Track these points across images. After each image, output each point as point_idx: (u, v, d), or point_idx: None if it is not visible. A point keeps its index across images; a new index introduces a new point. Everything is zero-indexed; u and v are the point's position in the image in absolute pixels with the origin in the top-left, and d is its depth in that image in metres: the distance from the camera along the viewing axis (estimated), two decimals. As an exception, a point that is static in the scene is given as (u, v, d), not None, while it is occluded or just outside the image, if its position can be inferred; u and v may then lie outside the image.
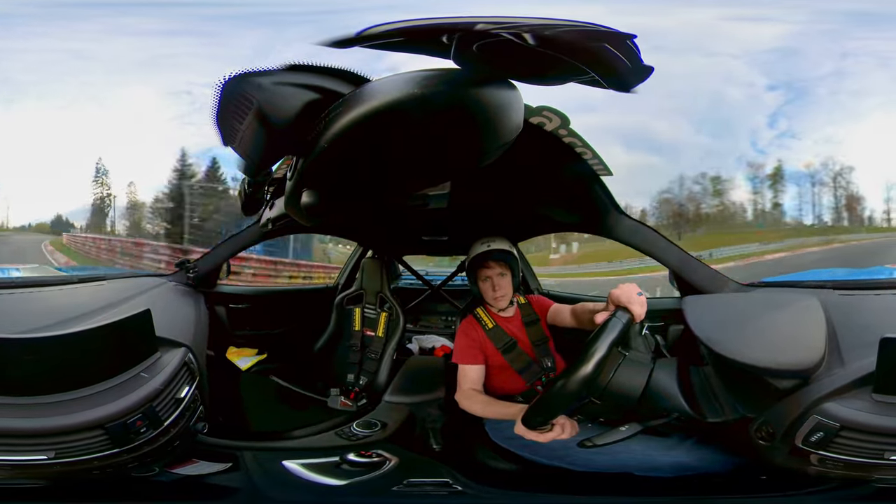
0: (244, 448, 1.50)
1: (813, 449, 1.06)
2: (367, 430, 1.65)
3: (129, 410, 1.12)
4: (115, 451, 1.11)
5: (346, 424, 1.70)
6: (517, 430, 1.21)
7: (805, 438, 1.06)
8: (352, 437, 1.61)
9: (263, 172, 1.09)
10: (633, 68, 0.68)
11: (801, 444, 1.06)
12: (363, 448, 1.52)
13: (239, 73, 0.73)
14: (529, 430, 1.18)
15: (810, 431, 1.05)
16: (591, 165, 1.29)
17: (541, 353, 1.82)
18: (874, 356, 1.01)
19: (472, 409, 1.60)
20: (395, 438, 1.62)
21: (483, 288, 1.84)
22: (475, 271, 1.85)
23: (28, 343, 1.08)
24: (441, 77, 0.72)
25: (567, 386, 1.06)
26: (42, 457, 1.05)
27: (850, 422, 1.02)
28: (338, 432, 1.66)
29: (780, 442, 1.10)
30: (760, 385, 1.13)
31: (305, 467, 1.42)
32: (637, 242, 1.64)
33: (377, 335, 2.55)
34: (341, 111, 0.75)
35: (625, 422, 1.19)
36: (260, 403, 2.14)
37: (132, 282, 1.81)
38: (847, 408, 1.03)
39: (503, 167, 0.97)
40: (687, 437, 1.29)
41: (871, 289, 1.35)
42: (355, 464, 1.43)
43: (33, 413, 1.06)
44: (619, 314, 1.10)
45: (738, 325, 1.27)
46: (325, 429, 1.72)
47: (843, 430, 1.02)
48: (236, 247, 2.13)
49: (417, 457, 1.54)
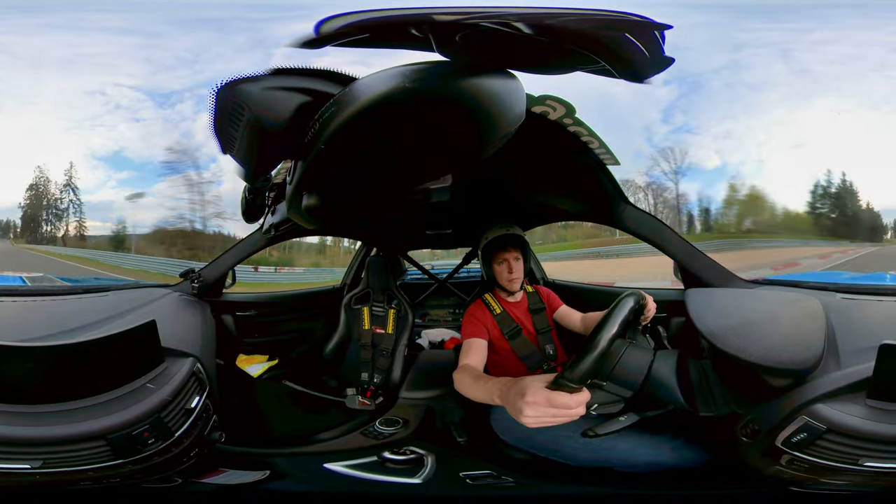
0: (275, 455, 1.51)
1: (788, 449, 1.06)
2: (392, 428, 1.66)
3: (135, 421, 1.12)
4: (118, 462, 1.11)
5: (369, 423, 1.71)
6: (540, 397, 0.96)
7: (787, 438, 1.06)
8: (378, 436, 1.62)
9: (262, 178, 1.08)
10: (652, 59, 0.65)
11: (780, 443, 1.07)
12: (393, 446, 1.52)
13: (229, 80, 0.72)
14: (559, 395, 0.97)
15: (795, 432, 1.05)
16: (597, 154, 1.26)
17: (544, 341, 1.85)
18: (872, 361, 1.01)
19: (460, 388, 1.49)
20: (419, 434, 1.63)
21: (498, 270, 1.85)
22: (492, 253, 1.87)
23: (27, 351, 1.07)
24: (429, 69, 0.70)
25: (600, 341, 1.03)
26: (25, 466, 1.05)
27: (837, 425, 1.01)
28: (363, 432, 1.66)
29: (761, 440, 1.10)
30: (755, 382, 1.13)
31: (353, 468, 1.42)
32: (643, 233, 1.63)
33: (387, 332, 2.54)
34: (334, 111, 0.74)
35: (623, 412, 1.21)
36: (277, 409, 2.14)
37: (137, 293, 1.81)
38: (838, 411, 1.03)
39: (507, 157, 0.96)
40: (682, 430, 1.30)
41: (873, 294, 1.34)
42: (396, 462, 1.43)
43: (25, 422, 1.06)
44: (630, 294, 1.13)
45: (739, 321, 1.27)
46: (351, 429, 1.73)
47: (827, 433, 1.02)
48: (241, 255, 2.12)
49: (448, 451, 1.54)
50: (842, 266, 12.54)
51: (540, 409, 0.94)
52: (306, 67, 0.76)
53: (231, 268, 2.18)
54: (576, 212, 2.00)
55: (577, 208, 1.88)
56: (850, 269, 7.65)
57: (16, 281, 1.78)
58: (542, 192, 1.75)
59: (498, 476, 1.34)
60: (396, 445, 1.52)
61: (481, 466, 1.38)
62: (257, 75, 0.73)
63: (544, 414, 0.94)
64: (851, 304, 1.29)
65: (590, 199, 1.65)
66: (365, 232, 2.80)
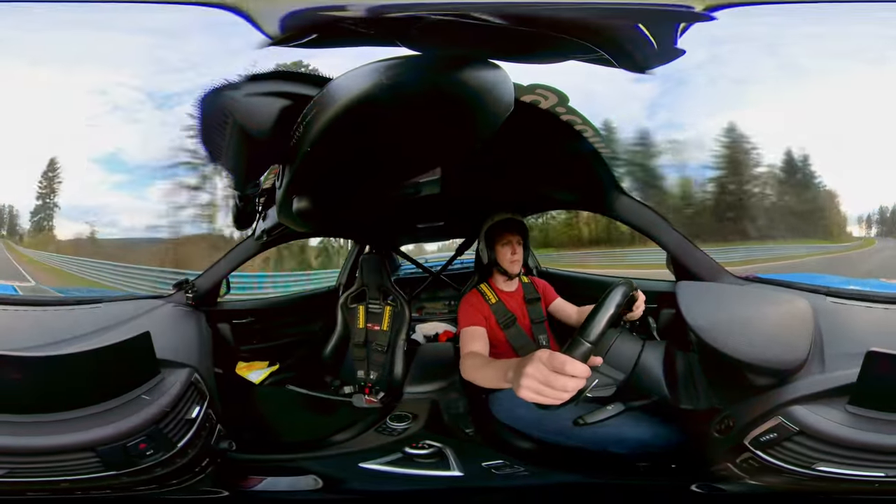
0: (304, 458, 1.52)
1: (753, 448, 1.08)
2: (403, 424, 1.66)
3: (129, 433, 1.12)
4: (110, 474, 1.11)
5: (381, 421, 1.71)
6: (545, 355, 0.94)
7: (756, 437, 1.07)
8: (393, 433, 1.62)
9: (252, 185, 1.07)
10: (659, 50, 0.64)
11: (748, 441, 1.08)
12: (410, 441, 1.53)
13: (212, 88, 0.70)
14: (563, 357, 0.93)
15: (766, 431, 1.06)
16: (591, 143, 1.25)
17: (538, 332, 1.86)
18: (856, 367, 1.01)
19: (469, 374, 1.49)
20: (429, 428, 1.64)
21: (502, 252, 1.86)
22: (497, 235, 1.88)
23: (17, 361, 1.06)
24: (405, 63, 0.69)
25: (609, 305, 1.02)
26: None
27: (810, 428, 1.03)
28: (377, 430, 1.67)
29: (731, 437, 1.12)
30: (738, 378, 1.14)
31: (388, 464, 1.43)
32: (636, 223, 1.62)
33: (382, 329, 2.53)
34: (315, 113, 0.73)
35: (610, 401, 1.25)
36: (285, 414, 2.13)
37: (130, 304, 1.77)
38: (814, 414, 1.04)
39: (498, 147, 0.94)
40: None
41: (863, 300, 1.34)
42: (422, 456, 1.44)
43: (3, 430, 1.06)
44: (623, 282, 1.13)
45: (728, 317, 1.28)
46: (365, 428, 1.73)
47: (798, 435, 1.03)
48: (235, 262, 2.09)
49: (462, 443, 1.54)
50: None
51: (541, 371, 0.90)
52: (281, 71, 0.75)
53: (225, 276, 2.15)
54: (569, 200, 1.99)
55: (571, 197, 1.88)
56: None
57: (7, 290, 1.74)
58: (535, 181, 1.74)
59: (511, 465, 1.36)
60: (412, 440, 1.53)
61: (496, 457, 1.39)
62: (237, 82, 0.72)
63: (543, 376, 0.89)
64: (840, 309, 1.30)
65: (583, 187, 1.65)
66: (356, 230, 2.78)
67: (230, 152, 0.76)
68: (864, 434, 1.01)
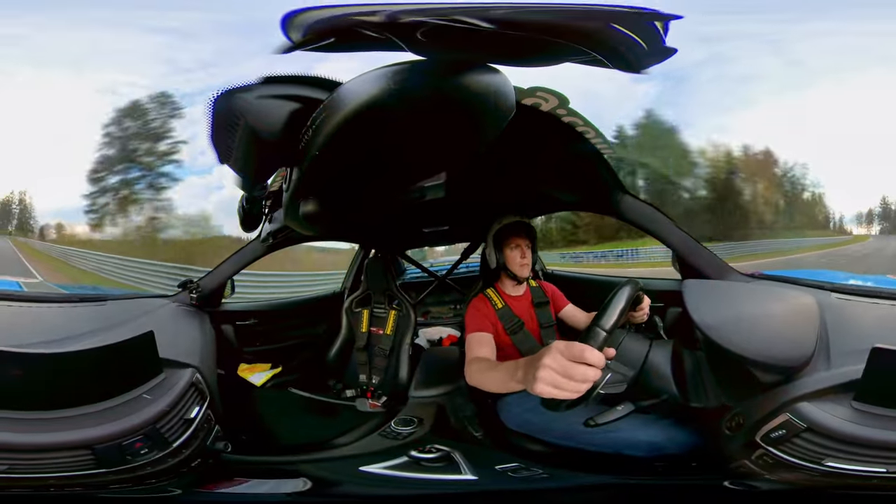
0: (305, 462, 1.52)
1: (765, 445, 1.07)
2: (409, 428, 1.66)
3: (128, 432, 1.13)
4: (100, 472, 1.11)
5: (385, 425, 1.71)
6: (561, 345, 0.90)
7: (766, 434, 1.07)
8: (398, 437, 1.62)
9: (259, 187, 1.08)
10: (649, 50, 0.64)
11: (759, 438, 1.08)
12: (416, 445, 1.52)
13: (224, 90, 0.72)
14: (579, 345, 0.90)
15: (775, 427, 1.06)
16: (594, 144, 1.26)
17: (546, 336, 1.84)
18: (862, 363, 1.01)
19: (476, 380, 1.46)
20: (436, 432, 1.63)
21: (511, 255, 1.85)
22: (505, 238, 1.87)
23: (19, 357, 1.06)
24: (410, 69, 0.70)
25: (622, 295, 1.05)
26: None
27: (817, 424, 1.02)
28: (381, 433, 1.67)
29: (743, 434, 1.11)
30: (746, 376, 1.14)
31: (393, 468, 1.42)
32: (641, 222, 1.62)
33: (385, 333, 2.53)
34: (324, 117, 0.74)
35: (620, 400, 1.24)
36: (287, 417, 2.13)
37: (134, 303, 1.78)
38: (821, 410, 1.03)
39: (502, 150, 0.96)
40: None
41: (869, 296, 1.34)
42: (429, 460, 1.43)
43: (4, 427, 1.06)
44: (630, 282, 1.14)
45: (734, 314, 1.27)
46: (368, 432, 1.73)
47: (806, 431, 1.03)
48: (239, 264, 2.10)
49: (472, 447, 1.54)
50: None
51: (559, 361, 0.86)
52: (294, 74, 0.76)
53: (230, 277, 2.16)
54: (573, 202, 1.99)
55: (574, 198, 1.88)
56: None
57: (12, 286, 1.75)
58: (538, 184, 1.75)
59: (528, 468, 1.35)
60: (418, 444, 1.52)
61: (509, 460, 1.39)
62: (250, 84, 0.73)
63: (562, 366, 0.86)
64: (846, 305, 1.30)
65: (587, 189, 1.65)
66: (362, 234, 2.79)
67: (240, 153, 0.77)
68: (869, 430, 1.00)
